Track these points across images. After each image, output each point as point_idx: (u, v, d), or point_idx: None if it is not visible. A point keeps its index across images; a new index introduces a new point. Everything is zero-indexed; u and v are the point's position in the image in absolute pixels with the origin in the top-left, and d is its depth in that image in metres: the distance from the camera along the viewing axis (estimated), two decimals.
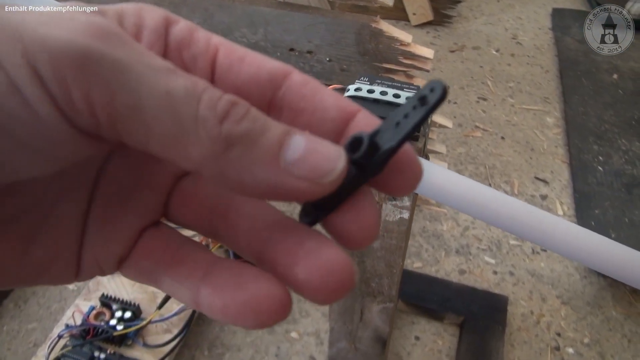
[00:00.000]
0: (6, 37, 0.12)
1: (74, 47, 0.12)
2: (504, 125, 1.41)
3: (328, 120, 0.17)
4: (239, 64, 0.17)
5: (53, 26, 0.12)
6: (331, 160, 0.15)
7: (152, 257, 0.18)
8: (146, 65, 0.13)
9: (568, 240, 0.50)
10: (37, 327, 0.97)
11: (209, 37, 0.17)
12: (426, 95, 0.16)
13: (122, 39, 0.13)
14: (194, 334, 0.95)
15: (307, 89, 0.17)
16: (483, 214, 0.49)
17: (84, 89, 0.12)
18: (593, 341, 0.97)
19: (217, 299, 0.16)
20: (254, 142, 0.14)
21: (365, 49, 0.92)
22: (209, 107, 0.14)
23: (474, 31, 1.75)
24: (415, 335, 0.97)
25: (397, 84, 0.47)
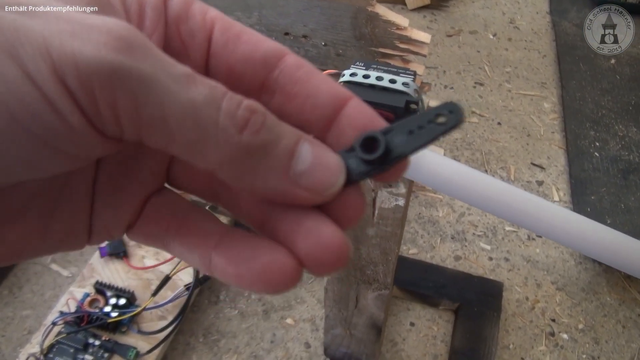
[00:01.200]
0: (35, 51, 0.12)
1: (101, 64, 0.12)
2: (500, 110, 1.40)
3: (320, 106, 0.17)
4: (235, 42, 0.17)
5: (79, 39, 0.13)
6: (333, 175, 0.16)
7: (160, 224, 0.19)
8: (168, 75, 0.14)
9: (562, 227, 0.49)
10: (31, 314, 0.96)
11: (205, 11, 0.18)
12: (444, 114, 0.17)
13: (145, 49, 0.14)
14: (188, 321, 0.95)
15: (301, 73, 0.17)
16: (478, 201, 0.49)
17: (111, 101, 0.13)
18: (588, 327, 0.97)
19: (231, 267, 0.17)
20: (269, 152, 0.15)
21: (361, 33, 0.91)
22: (229, 116, 0.14)
23: (471, 15, 1.73)
24: (411, 322, 0.97)
25: (394, 69, 0.46)
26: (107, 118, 0.13)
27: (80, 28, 0.13)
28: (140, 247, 0.96)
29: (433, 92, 1.44)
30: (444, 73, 1.51)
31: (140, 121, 0.13)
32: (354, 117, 0.17)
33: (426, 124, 0.17)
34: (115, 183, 0.19)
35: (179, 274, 0.91)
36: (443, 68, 1.52)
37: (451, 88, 1.46)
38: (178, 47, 0.18)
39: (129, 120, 0.13)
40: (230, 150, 0.15)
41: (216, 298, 0.99)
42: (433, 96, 1.42)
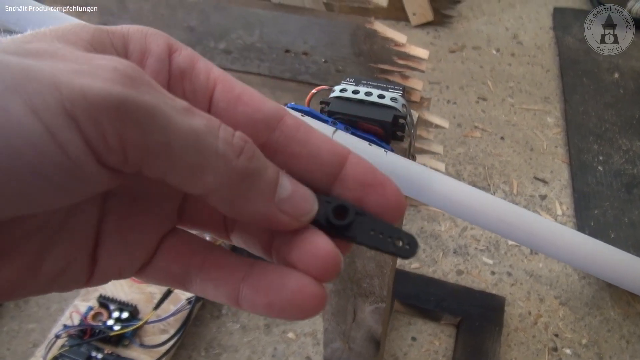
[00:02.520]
0: (43, 87, 0.13)
1: (110, 97, 0.13)
2: (503, 125, 1.40)
3: (324, 164, 0.19)
4: (236, 103, 0.18)
5: (87, 76, 0.13)
6: (309, 203, 0.18)
7: (181, 261, 0.19)
8: (171, 106, 0.15)
9: (564, 245, 0.50)
10: (36, 328, 0.98)
11: (209, 70, 0.19)
12: (403, 241, 0.19)
13: (148, 84, 0.15)
14: (190, 335, 0.96)
15: (301, 134, 0.19)
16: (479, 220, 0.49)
17: (119, 131, 0.14)
18: (591, 342, 0.97)
19: (261, 298, 0.18)
20: (260, 177, 0.17)
21: (361, 49, 0.93)
22: (226, 143, 0.16)
23: (474, 31, 1.74)
24: (412, 336, 0.97)
25: (383, 85, 0.47)
26: (113, 147, 0.14)
27: (87, 67, 0.14)
28: None
29: (436, 107, 1.45)
30: (447, 88, 1.52)
31: (145, 149, 0.14)
32: (357, 172, 0.19)
33: (388, 235, 0.19)
34: (126, 223, 0.19)
35: None
36: (446, 83, 1.53)
37: (454, 103, 1.47)
38: None
39: (134, 149, 0.14)
40: (227, 174, 0.16)
41: (218, 312, 1.00)
42: (436, 111, 1.43)
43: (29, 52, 0.14)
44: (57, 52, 0.14)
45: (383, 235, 0.19)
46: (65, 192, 0.14)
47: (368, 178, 0.19)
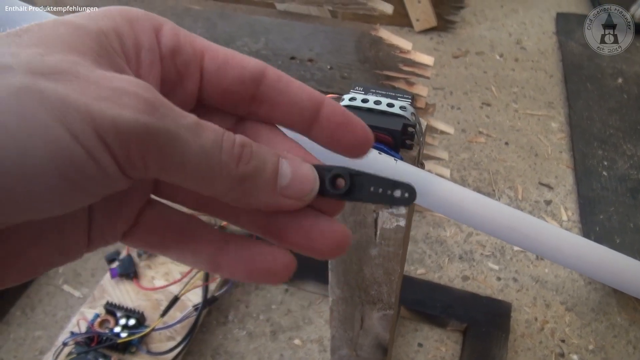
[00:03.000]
0: (80, 118, 0.15)
1: (136, 126, 0.16)
2: (507, 130, 1.41)
3: (303, 109, 0.21)
4: (224, 67, 0.21)
5: (114, 104, 0.15)
6: (310, 183, 0.20)
7: (157, 233, 0.22)
8: (184, 127, 0.17)
9: (570, 251, 0.50)
10: (43, 335, 0.98)
11: (193, 41, 0.21)
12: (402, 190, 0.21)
13: (165, 109, 0.17)
14: (197, 342, 0.96)
15: (282, 84, 0.21)
16: (487, 227, 0.49)
17: (143, 154, 0.16)
18: (598, 348, 0.96)
19: (241, 266, 0.21)
20: (259, 175, 0.19)
21: (366, 56, 0.93)
22: (228, 153, 0.18)
23: (478, 36, 1.75)
24: (419, 342, 0.97)
25: (391, 93, 0.47)
26: (138, 166, 0.16)
27: (112, 93, 0.16)
28: (150, 268, 0.98)
29: (440, 113, 1.45)
30: (451, 94, 1.52)
31: (164, 167, 0.17)
32: (331, 114, 0.22)
33: (387, 188, 0.21)
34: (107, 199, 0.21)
35: (188, 294, 0.92)
36: (450, 89, 1.54)
37: (458, 109, 1.47)
38: (174, 77, 0.21)
39: (156, 167, 0.17)
40: (231, 180, 0.18)
41: (224, 319, 1.00)
42: (440, 117, 1.43)
43: (52, 70, 0.15)
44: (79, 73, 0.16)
45: (382, 189, 0.21)
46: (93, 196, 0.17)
47: (340, 119, 0.21)
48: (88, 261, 1.10)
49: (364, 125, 0.22)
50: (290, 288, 1.05)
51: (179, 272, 0.97)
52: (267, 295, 1.04)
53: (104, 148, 0.15)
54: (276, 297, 1.03)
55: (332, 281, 0.67)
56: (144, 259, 0.99)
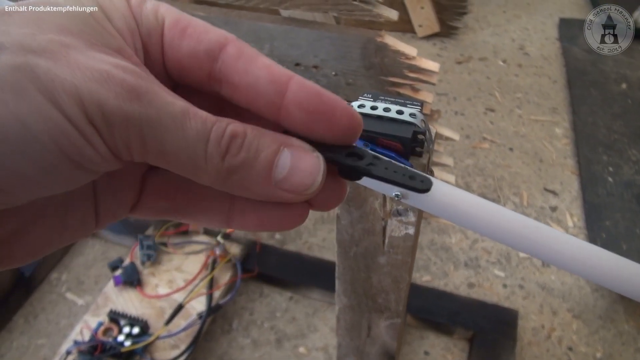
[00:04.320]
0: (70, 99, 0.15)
1: (119, 112, 0.16)
2: (512, 136, 1.40)
3: (263, 94, 0.18)
4: (180, 37, 0.19)
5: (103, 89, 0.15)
6: (311, 177, 0.18)
7: (167, 198, 0.21)
8: (169, 115, 0.16)
9: (577, 257, 0.49)
10: (46, 343, 0.97)
11: (157, 9, 0.19)
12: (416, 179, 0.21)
13: (151, 95, 0.16)
14: (201, 350, 0.95)
15: (241, 63, 0.18)
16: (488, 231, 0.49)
17: (125, 139, 0.16)
18: (606, 355, 0.95)
19: (253, 217, 0.20)
20: (250, 167, 0.18)
21: (371, 63, 0.93)
22: (214, 145, 0.17)
23: (481, 42, 1.75)
24: (425, 350, 0.96)
25: (401, 100, 0.47)
26: (122, 149, 0.16)
27: (99, 76, 0.16)
28: (153, 275, 0.97)
29: (444, 119, 1.44)
30: (455, 100, 1.52)
31: (146, 153, 0.17)
32: (299, 99, 0.18)
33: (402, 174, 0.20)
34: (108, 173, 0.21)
35: (192, 302, 0.92)
36: (453, 95, 1.53)
37: (462, 114, 1.47)
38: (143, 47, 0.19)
39: (137, 152, 0.17)
40: (216, 174, 0.17)
41: (229, 327, 0.99)
42: (444, 123, 1.42)
43: (44, 49, 0.15)
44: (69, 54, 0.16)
45: (397, 172, 0.20)
46: (91, 174, 0.17)
47: (313, 104, 0.18)
48: (91, 268, 1.09)
49: (345, 107, 0.18)
50: (295, 295, 1.04)
51: (182, 279, 0.96)
52: (271, 302, 1.03)
53: (93, 129, 0.15)
54: (281, 305, 1.03)
55: (339, 289, 0.66)
56: (147, 267, 0.98)
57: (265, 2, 0.92)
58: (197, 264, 0.98)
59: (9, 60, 0.15)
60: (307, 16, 0.94)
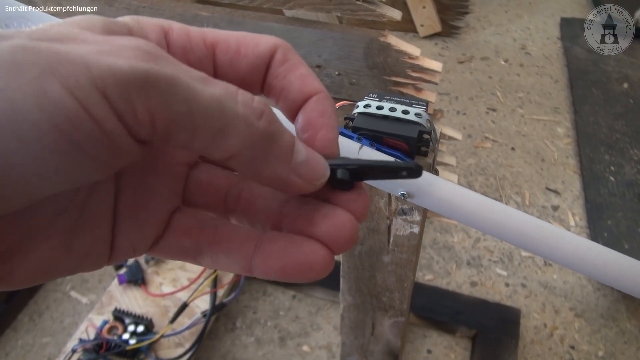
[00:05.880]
0: (75, 68, 0.14)
1: (135, 71, 0.14)
2: (514, 135, 1.40)
3: (290, 100, 0.20)
4: (238, 59, 0.20)
5: (112, 55, 0.14)
6: (323, 168, 0.19)
7: (192, 235, 0.21)
8: (190, 76, 0.16)
9: (579, 254, 0.50)
10: (50, 342, 0.98)
11: (204, 36, 0.20)
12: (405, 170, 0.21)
13: (168, 59, 0.16)
14: (205, 348, 0.95)
15: (282, 69, 0.20)
16: (492, 229, 0.49)
17: (146, 103, 0.14)
18: (608, 354, 0.96)
19: (275, 262, 0.20)
20: (278, 140, 0.18)
21: (374, 62, 0.93)
22: (246, 106, 0.17)
23: (482, 42, 1.75)
24: (427, 349, 0.97)
25: (406, 100, 0.47)
26: (142, 120, 0.15)
27: (111, 47, 0.15)
28: (157, 274, 0.97)
29: (446, 119, 1.45)
30: (457, 99, 1.52)
31: (172, 118, 0.15)
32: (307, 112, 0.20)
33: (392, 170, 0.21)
34: (138, 200, 0.20)
35: (196, 301, 0.92)
36: (455, 94, 1.54)
37: (464, 114, 1.47)
38: None
39: (160, 118, 0.15)
40: (250, 136, 0.17)
41: (232, 325, 1.00)
42: (446, 122, 1.43)
43: (53, 37, 0.15)
44: (79, 36, 0.15)
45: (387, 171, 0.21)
46: (99, 164, 0.15)
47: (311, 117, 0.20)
48: None
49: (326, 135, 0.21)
50: (298, 294, 1.04)
51: (186, 278, 0.97)
52: (274, 301, 1.04)
53: (102, 100, 0.14)
54: (284, 304, 1.03)
55: (343, 288, 0.67)
56: (151, 265, 0.99)
57: (269, 2, 0.92)
58: None
59: (13, 43, 0.14)
60: (310, 16, 0.95)
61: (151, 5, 0.93)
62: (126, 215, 0.20)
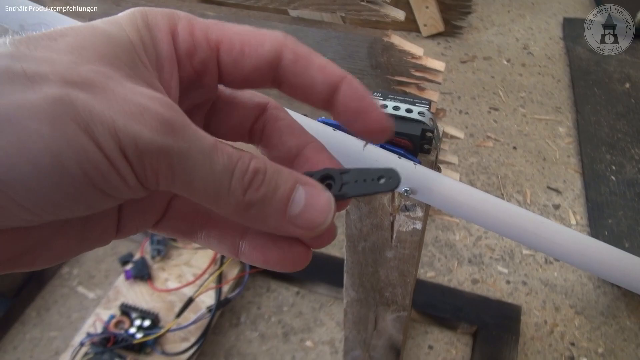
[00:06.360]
0: (105, 131, 0.16)
1: (152, 145, 0.17)
2: (515, 135, 1.41)
3: (319, 92, 0.21)
4: (241, 59, 0.21)
5: (138, 123, 0.17)
6: (323, 214, 0.20)
7: (187, 220, 0.23)
8: (199, 149, 0.18)
9: (579, 249, 0.51)
10: (58, 336, 0.99)
11: (207, 35, 0.21)
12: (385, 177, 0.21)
13: (183, 129, 0.18)
14: (210, 343, 0.97)
15: (298, 67, 0.21)
16: (493, 225, 0.50)
17: (156, 171, 0.17)
18: (607, 351, 0.97)
19: (260, 254, 0.22)
20: (268, 202, 0.19)
21: (378, 62, 0.94)
22: (238, 179, 0.19)
23: (485, 42, 1.76)
24: (429, 345, 0.98)
25: (409, 99, 0.49)
26: (151, 180, 0.17)
27: (136, 110, 0.17)
28: (163, 270, 0.99)
29: (448, 118, 1.46)
30: (459, 98, 1.53)
31: (173, 183, 0.18)
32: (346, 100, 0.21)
33: (371, 178, 0.21)
34: None
35: (201, 296, 0.94)
36: (458, 94, 1.55)
37: (466, 113, 1.48)
38: (192, 77, 0.21)
39: (164, 182, 0.18)
40: (236, 206, 0.19)
41: (237, 320, 1.01)
42: (448, 121, 1.44)
43: (84, 81, 0.17)
44: (108, 86, 0.17)
45: (366, 180, 0.21)
46: (114, 200, 0.18)
47: (355, 105, 0.21)
48: (102, 263, 1.11)
49: (380, 115, 0.22)
50: (302, 290, 1.06)
51: (192, 274, 0.98)
52: (278, 297, 1.05)
53: (125, 160, 0.16)
54: (287, 300, 1.04)
55: (347, 283, 0.68)
56: (157, 262, 1.00)
57: (274, 2, 0.93)
58: (205, 259, 1.00)
59: (49, 92, 0.15)
60: (315, 16, 0.96)
61: (157, 5, 0.95)
62: (131, 207, 0.22)
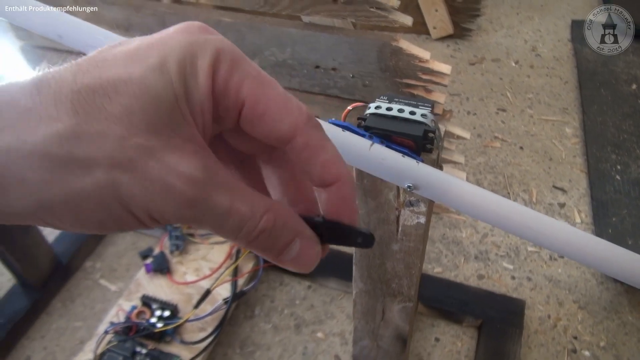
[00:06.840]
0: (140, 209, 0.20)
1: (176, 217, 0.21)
2: (522, 135, 1.45)
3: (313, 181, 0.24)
4: (257, 122, 0.22)
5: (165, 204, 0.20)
6: (310, 264, 0.24)
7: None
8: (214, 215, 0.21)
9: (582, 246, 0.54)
10: (82, 326, 1.04)
11: (240, 87, 0.22)
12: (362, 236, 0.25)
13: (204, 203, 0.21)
14: (226, 333, 1.02)
15: (302, 155, 0.23)
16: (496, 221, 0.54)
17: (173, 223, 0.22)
18: (609, 345, 1.00)
19: None
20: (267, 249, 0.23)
21: (386, 65, 0.98)
22: (244, 236, 0.22)
23: (494, 44, 1.79)
24: (435, 337, 1.02)
25: (413, 102, 0.53)
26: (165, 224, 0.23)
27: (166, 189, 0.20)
28: (182, 264, 1.04)
29: (456, 119, 1.49)
30: (467, 100, 1.57)
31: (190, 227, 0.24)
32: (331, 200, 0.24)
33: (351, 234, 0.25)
34: None
35: (218, 289, 0.98)
36: (466, 95, 1.58)
37: (474, 114, 1.52)
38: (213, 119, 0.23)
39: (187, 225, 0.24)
40: (238, 244, 0.23)
41: (251, 312, 1.06)
42: (456, 122, 1.48)
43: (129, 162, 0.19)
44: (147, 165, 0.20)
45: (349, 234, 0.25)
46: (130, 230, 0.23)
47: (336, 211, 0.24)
48: (123, 257, 1.17)
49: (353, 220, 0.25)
50: (313, 284, 1.10)
51: (208, 268, 1.03)
52: (291, 291, 1.09)
53: (154, 223, 0.21)
54: (300, 293, 1.09)
55: (356, 275, 0.72)
56: (176, 256, 1.05)
57: (288, 9, 0.98)
58: (221, 254, 1.05)
59: (98, 179, 0.19)
60: (326, 22, 1.00)
61: (176, 12, 1.00)
62: None
